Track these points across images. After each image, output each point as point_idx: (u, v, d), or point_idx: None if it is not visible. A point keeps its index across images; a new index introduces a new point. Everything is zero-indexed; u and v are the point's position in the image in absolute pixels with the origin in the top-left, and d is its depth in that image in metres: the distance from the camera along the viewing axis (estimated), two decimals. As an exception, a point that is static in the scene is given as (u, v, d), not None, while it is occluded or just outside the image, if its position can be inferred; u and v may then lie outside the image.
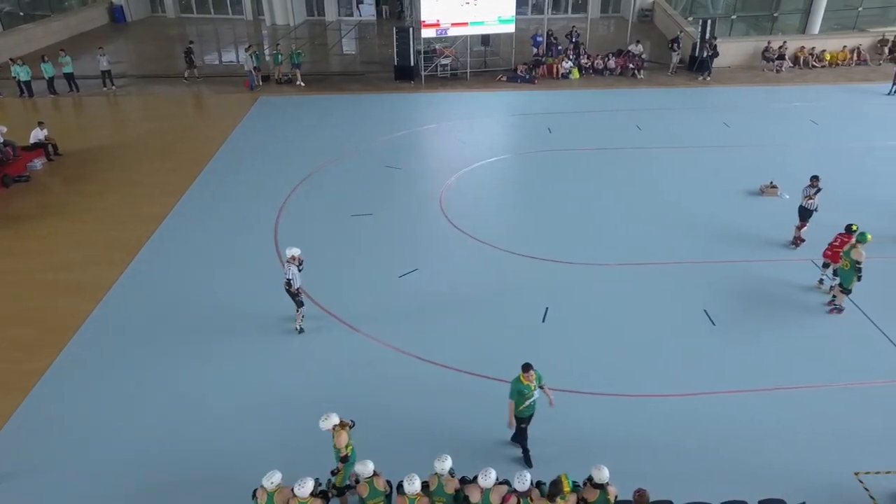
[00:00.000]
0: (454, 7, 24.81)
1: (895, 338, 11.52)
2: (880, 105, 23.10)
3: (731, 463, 9.09)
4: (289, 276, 10.99)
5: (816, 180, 13.72)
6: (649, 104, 23.44)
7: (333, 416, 7.95)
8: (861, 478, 8.90)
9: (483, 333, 11.68)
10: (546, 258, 13.99)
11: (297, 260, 11.09)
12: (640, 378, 10.63)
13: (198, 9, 39.49)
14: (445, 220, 15.56)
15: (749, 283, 13.07)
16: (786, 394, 10.31)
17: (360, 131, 21.10)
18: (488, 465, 7.59)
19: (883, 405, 10.06)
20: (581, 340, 11.51)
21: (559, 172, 18.26)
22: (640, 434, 9.56)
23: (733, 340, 11.48)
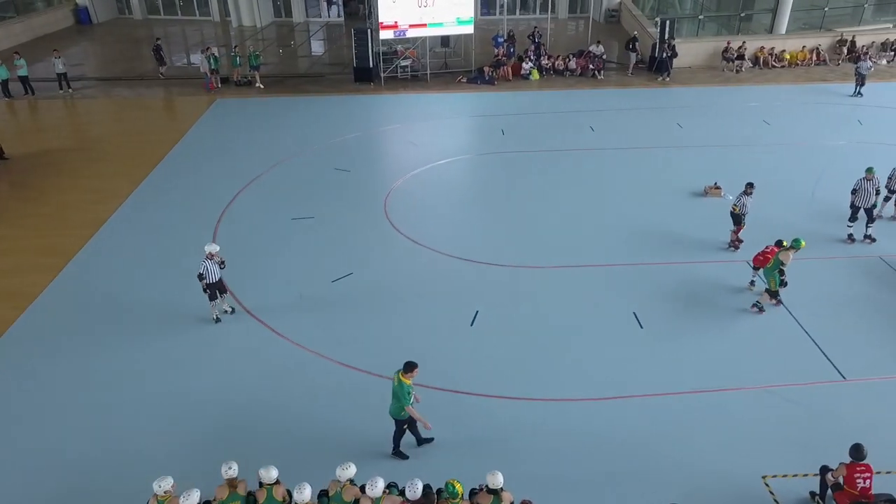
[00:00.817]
0: (412, 9, 24.70)
1: (819, 340, 11.51)
2: (834, 105, 23.22)
3: (639, 467, 9.06)
4: (200, 270, 11.19)
5: (751, 188, 13.70)
6: (606, 105, 23.46)
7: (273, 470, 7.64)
8: (768, 481, 8.87)
9: (408, 337, 11.62)
10: (483, 261, 13.94)
11: (217, 258, 11.21)
12: (559, 381, 10.60)
13: (165, 10, 39.18)
14: (388, 224, 15.49)
15: (683, 285, 13.06)
16: (703, 397, 10.31)
17: (314, 133, 20.99)
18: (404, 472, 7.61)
19: (798, 408, 10.06)
20: (506, 344, 11.47)
21: (506, 175, 18.23)
22: (551, 438, 9.53)
23: (658, 343, 11.47)
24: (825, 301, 12.49)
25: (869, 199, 13.94)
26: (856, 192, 14.04)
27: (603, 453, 9.26)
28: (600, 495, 8.60)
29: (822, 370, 10.85)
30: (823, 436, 9.52)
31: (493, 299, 12.65)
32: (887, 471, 8.98)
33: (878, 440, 9.28)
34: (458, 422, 9.79)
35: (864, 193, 13.93)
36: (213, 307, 11.76)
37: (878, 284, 13.09)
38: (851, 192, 14.14)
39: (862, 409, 10.02)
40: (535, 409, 10.06)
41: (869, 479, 7.82)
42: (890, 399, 10.20)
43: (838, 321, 11.95)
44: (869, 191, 13.91)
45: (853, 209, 14.13)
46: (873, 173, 13.92)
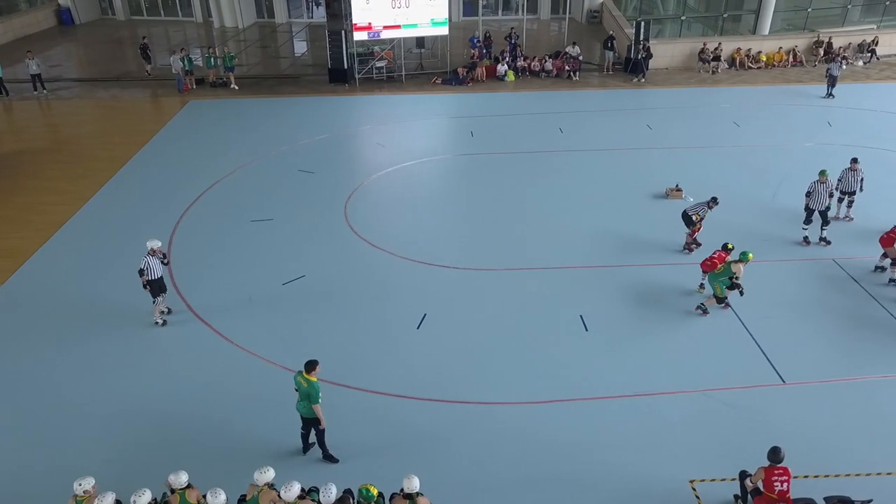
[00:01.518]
0: (385, 10, 24.69)
1: (764, 343, 11.51)
2: (806, 107, 23.22)
3: (566, 472, 9.06)
4: (141, 266, 11.20)
5: (714, 203, 13.71)
6: (578, 107, 23.46)
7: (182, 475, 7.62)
8: (696, 485, 8.86)
9: (352, 340, 11.63)
10: (438, 264, 13.94)
11: (159, 253, 11.27)
12: (497, 385, 10.60)
13: (148, 11, 39.14)
14: (346, 226, 15.49)
15: (635, 287, 13.06)
16: (640, 400, 10.31)
17: (284, 135, 20.98)
18: (328, 476, 7.67)
19: (734, 411, 10.06)
20: (449, 347, 11.47)
21: (470, 177, 18.25)
22: (483, 442, 9.52)
23: (601, 347, 11.46)
24: (774, 304, 12.49)
25: (823, 202, 13.95)
26: (809, 194, 14.04)
27: (532, 457, 9.25)
28: (522, 501, 8.58)
29: (763, 373, 10.85)
30: (756, 439, 9.47)
31: (443, 302, 12.65)
32: (815, 475, 8.97)
33: (809, 444, 9.39)
34: (389, 425, 9.81)
35: (818, 196, 13.94)
36: (157, 307, 11.71)
37: (829, 287, 13.10)
38: (805, 195, 14.15)
39: (797, 412, 10.03)
40: (469, 413, 10.06)
41: (786, 483, 7.82)
42: (826, 403, 10.21)
43: (785, 324, 11.96)
44: (822, 193, 13.91)
45: (808, 212, 14.14)
46: (826, 176, 13.93)
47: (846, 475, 8.95)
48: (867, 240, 13.93)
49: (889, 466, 9.03)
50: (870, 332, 11.77)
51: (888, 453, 9.24)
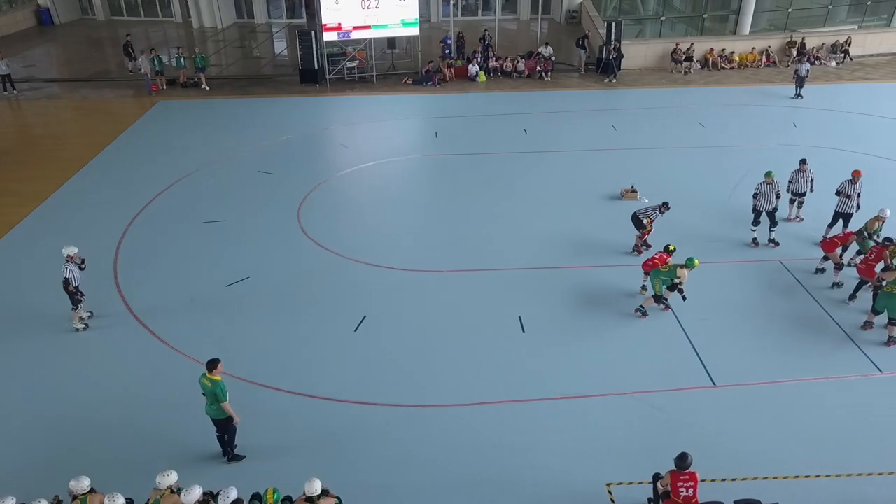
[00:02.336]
0: (355, 11, 24.65)
1: (700, 345, 11.49)
2: (773, 107, 23.20)
3: (485, 475, 9.03)
4: (67, 276, 11.08)
5: (665, 208, 13.68)
6: (546, 107, 23.42)
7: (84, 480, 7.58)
8: (612, 489, 8.84)
9: (288, 343, 11.61)
10: (386, 265, 13.90)
11: (76, 259, 11.14)
12: (427, 387, 10.59)
13: (128, 11, 39.10)
14: (298, 227, 15.46)
15: (580, 289, 13.04)
16: (568, 403, 10.30)
17: (249, 135, 20.96)
18: (234, 481, 7.66)
19: (661, 414, 10.05)
20: (385, 349, 11.45)
21: (429, 178, 18.26)
22: (405, 444, 9.51)
23: (536, 348, 11.45)
24: (715, 306, 12.46)
25: (770, 203, 13.92)
26: (756, 196, 14.02)
27: (453, 460, 9.24)
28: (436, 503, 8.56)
29: (694, 376, 10.83)
30: (679, 442, 9.40)
31: (385, 304, 12.62)
32: (732, 478, 8.96)
33: (730, 446, 9.37)
34: (312, 428, 9.78)
35: (764, 197, 13.91)
36: (77, 313, 11.64)
37: (772, 289, 13.07)
38: (752, 197, 14.12)
39: (723, 415, 10.02)
40: (396, 415, 10.05)
41: (692, 488, 7.79)
42: (751, 405, 10.19)
43: (723, 326, 11.94)
44: (769, 194, 13.88)
45: (755, 213, 14.12)
46: (772, 177, 13.91)
47: (763, 478, 8.94)
48: (816, 241, 13.90)
49: (800, 469, 9.02)
50: (806, 334, 11.76)
51: (802, 456, 9.23)
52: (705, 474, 8.76)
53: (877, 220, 12.87)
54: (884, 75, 26.60)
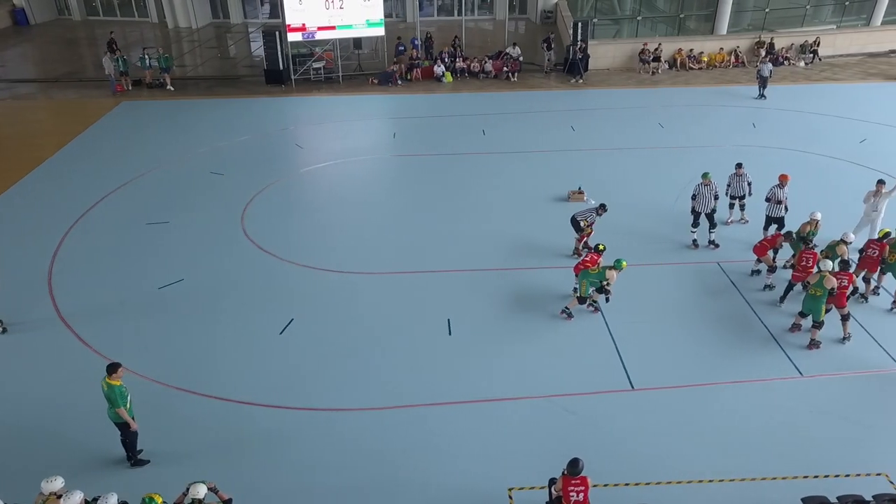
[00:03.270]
0: (319, 11, 24.59)
1: (624, 348, 11.46)
2: (736, 108, 23.15)
3: (389, 479, 9.02)
4: None
5: (603, 210, 13.67)
6: (509, 108, 23.37)
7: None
8: (514, 493, 8.80)
9: (213, 347, 11.57)
10: (323, 268, 13.87)
11: None
12: (343, 390, 10.55)
13: (104, 11, 39.03)
14: (240, 229, 15.42)
15: (515, 291, 13.02)
16: (482, 406, 10.26)
17: (207, 136, 20.93)
18: (132, 486, 7.65)
19: (573, 418, 10.01)
20: (309, 352, 11.42)
21: (379, 179, 18.26)
22: (312, 449, 9.48)
23: (459, 351, 11.42)
24: (649, 308, 12.44)
25: (708, 205, 13.88)
26: (695, 197, 13.98)
27: (361, 464, 9.22)
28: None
29: (615, 379, 10.79)
30: (586, 446, 9.42)
31: (316, 307, 12.59)
32: (636, 482, 8.92)
33: (639, 450, 9.42)
34: (224, 431, 9.76)
35: (703, 199, 13.87)
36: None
37: (707, 291, 13.05)
38: (691, 198, 14.07)
39: (637, 418, 10.00)
40: (311, 418, 10.02)
41: (583, 493, 7.75)
42: (669, 409, 10.16)
43: (653, 329, 11.92)
44: (707, 196, 13.84)
45: (694, 215, 14.07)
46: (709, 178, 13.87)
47: (667, 482, 8.91)
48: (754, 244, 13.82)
49: (704, 474, 8.99)
50: (734, 336, 11.73)
51: (710, 460, 9.20)
52: (609, 478, 8.78)
53: (808, 223, 12.80)
54: (850, 76, 26.56)
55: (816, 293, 11.06)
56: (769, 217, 13.97)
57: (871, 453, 9.32)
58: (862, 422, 9.87)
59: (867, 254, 12.05)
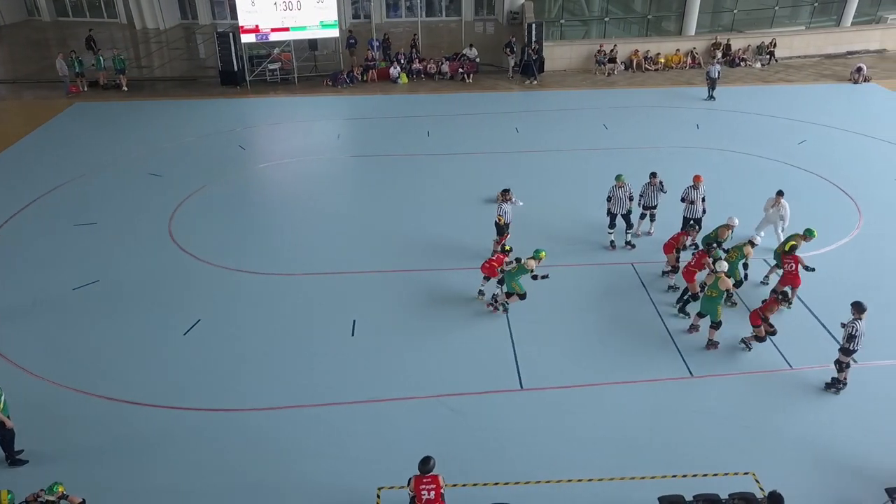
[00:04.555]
0: (272, 13, 24.67)
1: (521, 348, 11.55)
2: (683, 109, 23.21)
3: (262, 480, 9.11)
4: None
5: (507, 194, 13.74)
6: (459, 109, 23.46)
7: None
8: (383, 492, 8.89)
9: (118, 348, 11.65)
10: (241, 269, 13.95)
11: None
12: (239, 391, 10.66)
13: (74, 12, 39.08)
14: (166, 230, 15.50)
15: (425, 292, 13.11)
16: (369, 406, 10.37)
17: (154, 137, 21.02)
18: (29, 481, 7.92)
19: (458, 418, 10.11)
20: (211, 353, 11.50)
21: (314, 180, 18.37)
22: (197, 450, 9.58)
23: (359, 352, 11.53)
24: (556, 308, 12.55)
25: (623, 206, 13.98)
26: (610, 199, 14.07)
27: (237, 465, 9.30)
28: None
29: (506, 379, 10.87)
30: (467, 445, 9.60)
31: (226, 308, 12.69)
32: (506, 482, 9.01)
33: (515, 450, 9.54)
34: (112, 431, 9.87)
35: (617, 200, 13.96)
36: None
37: (616, 292, 13.15)
38: (606, 200, 14.16)
39: (521, 418, 10.10)
40: (200, 419, 10.10)
41: (434, 491, 7.84)
42: (555, 409, 10.25)
43: (555, 329, 12.03)
44: (621, 197, 13.94)
45: (610, 216, 14.16)
46: (623, 180, 13.97)
47: (536, 482, 9.02)
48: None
49: (581, 473, 9.11)
50: (633, 337, 11.84)
51: (587, 460, 9.32)
52: (481, 477, 8.88)
53: (726, 228, 12.86)
54: (804, 77, 26.68)
55: (712, 294, 11.16)
56: (686, 218, 14.04)
57: (745, 452, 9.43)
58: (742, 421, 9.98)
59: (785, 270, 12.07)
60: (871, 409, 10.04)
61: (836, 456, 9.30)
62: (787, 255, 11.97)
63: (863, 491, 8.72)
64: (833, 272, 13.12)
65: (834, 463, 9.19)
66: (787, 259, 11.96)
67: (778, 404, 10.26)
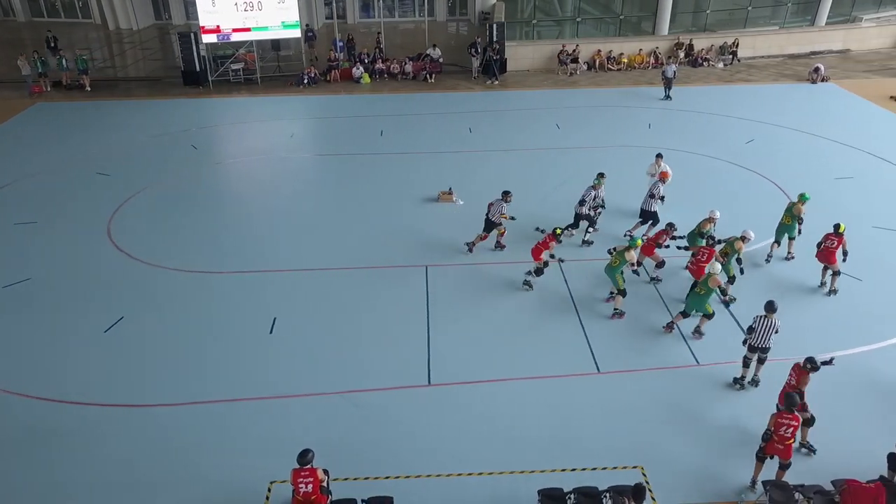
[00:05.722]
0: (233, 13, 24.80)
1: (436, 345, 11.68)
2: (639, 108, 23.33)
3: (164, 474, 9.24)
4: None
5: (508, 195, 13.99)
6: (417, 109, 23.60)
7: None
8: (273, 486, 9.00)
9: (40, 346, 11.73)
10: (176, 268, 14.07)
11: None
12: (155, 387, 10.79)
13: (49, 13, 39.20)
14: (104, 229, 15.59)
15: (351, 289, 13.23)
16: (273, 402, 10.46)
17: (110, 137, 21.14)
18: None
19: (358, 411, 10.26)
20: (128, 349, 11.63)
21: (261, 180, 18.56)
22: (101, 446, 9.70)
23: (273, 349, 11.65)
24: (475, 305, 12.70)
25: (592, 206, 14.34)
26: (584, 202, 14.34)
27: (144, 460, 9.43)
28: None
29: (415, 375, 11.01)
30: (359, 440, 9.74)
31: (153, 305, 12.80)
32: (396, 475, 9.16)
33: (411, 444, 9.74)
34: (13, 426, 9.93)
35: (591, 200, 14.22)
36: None
37: (540, 289, 13.22)
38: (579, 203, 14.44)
39: (422, 413, 10.22)
40: (106, 415, 10.25)
41: (311, 484, 7.97)
42: (458, 404, 10.40)
43: (471, 326, 12.14)
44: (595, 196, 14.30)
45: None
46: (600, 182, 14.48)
47: (426, 476, 9.14)
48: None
49: (472, 467, 9.24)
50: (547, 333, 11.97)
51: (480, 454, 9.43)
52: (370, 471, 9.03)
53: (708, 221, 13.08)
54: (764, 77, 26.83)
55: (701, 292, 11.37)
56: (643, 210, 14.44)
57: (637, 446, 9.53)
58: (639, 416, 10.09)
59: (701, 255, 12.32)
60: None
61: (727, 449, 9.40)
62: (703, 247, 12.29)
63: (743, 482, 8.85)
64: (761, 270, 13.36)
65: (723, 456, 9.30)
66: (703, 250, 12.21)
67: (681, 400, 10.39)
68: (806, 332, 11.60)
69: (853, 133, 20.39)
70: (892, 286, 12.97)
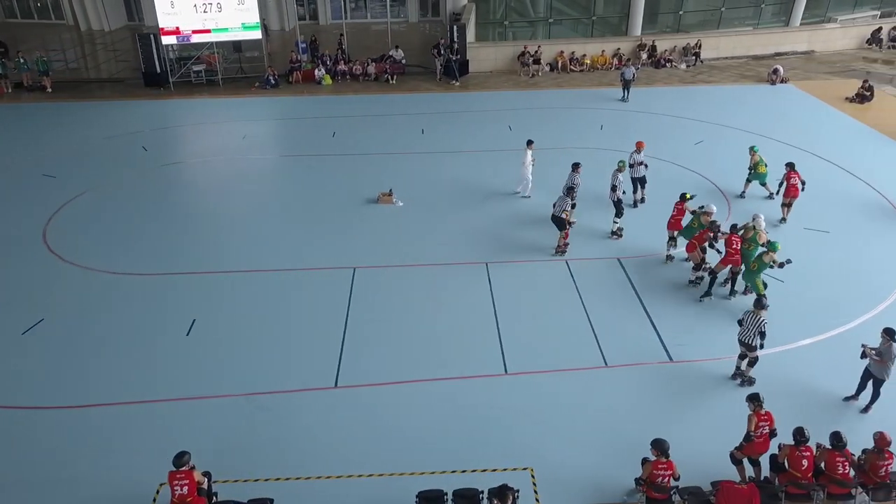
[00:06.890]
0: (192, 14, 24.83)
1: (348, 346, 11.72)
2: (596, 110, 23.39)
3: (60, 476, 9.30)
4: None
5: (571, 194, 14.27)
6: (374, 110, 23.65)
7: None
8: (163, 488, 9.02)
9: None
10: (100, 269, 14.10)
11: None
12: (48, 389, 10.82)
13: (22, 14, 39.23)
14: (39, 231, 15.60)
15: (277, 291, 13.30)
16: (181, 404, 10.51)
17: (61, 139, 21.16)
18: None
19: (263, 414, 10.30)
20: (44, 351, 11.69)
21: (205, 182, 18.64)
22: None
23: (187, 350, 11.69)
24: (392, 307, 12.75)
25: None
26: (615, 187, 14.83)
27: (35, 460, 9.49)
28: None
29: (324, 377, 11.05)
30: (256, 442, 9.77)
31: (76, 308, 12.85)
32: (296, 476, 9.19)
33: (312, 447, 9.75)
34: None
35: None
36: None
37: (463, 288, 13.27)
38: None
39: (327, 415, 10.29)
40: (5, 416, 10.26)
41: (186, 486, 8.12)
42: (364, 406, 10.44)
43: (386, 327, 12.23)
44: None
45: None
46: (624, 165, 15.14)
47: (316, 478, 9.18)
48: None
49: (371, 469, 9.34)
50: (462, 334, 12.05)
51: (383, 455, 9.54)
52: (261, 473, 9.09)
53: (706, 215, 13.22)
54: (724, 78, 26.90)
55: (754, 267, 12.15)
56: (633, 179, 15.79)
57: (537, 447, 9.57)
58: (539, 417, 10.13)
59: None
60: (681, 403, 10.26)
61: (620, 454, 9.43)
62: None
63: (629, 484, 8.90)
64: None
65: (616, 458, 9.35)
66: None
67: (586, 400, 10.44)
68: (718, 335, 11.65)
69: (802, 134, 20.47)
70: (799, 290, 12.99)
